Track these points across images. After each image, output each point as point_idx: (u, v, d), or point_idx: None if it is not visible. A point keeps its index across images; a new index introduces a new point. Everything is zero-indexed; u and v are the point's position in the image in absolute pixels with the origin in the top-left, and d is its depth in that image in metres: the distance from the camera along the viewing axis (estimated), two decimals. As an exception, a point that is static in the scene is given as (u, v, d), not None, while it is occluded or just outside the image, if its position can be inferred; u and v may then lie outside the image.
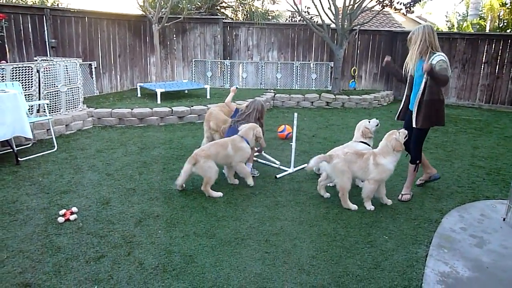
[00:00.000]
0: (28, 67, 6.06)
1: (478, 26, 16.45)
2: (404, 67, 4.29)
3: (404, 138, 4.02)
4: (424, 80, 4.02)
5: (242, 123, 4.66)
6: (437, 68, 3.85)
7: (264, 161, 5.32)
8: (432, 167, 4.71)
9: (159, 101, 8.16)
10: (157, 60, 10.10)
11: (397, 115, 4.60)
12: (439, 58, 3.93)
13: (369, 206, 3.96)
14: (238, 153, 4.35)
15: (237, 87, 5.68)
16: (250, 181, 4.43)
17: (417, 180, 4.70)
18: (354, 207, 3.94)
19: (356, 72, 11.54)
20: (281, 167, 5.09)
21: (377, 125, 4.75)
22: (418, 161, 4.34)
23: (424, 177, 4.71)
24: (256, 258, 3.06)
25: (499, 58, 10.29)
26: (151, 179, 4.65)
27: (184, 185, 4.32)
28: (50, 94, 6.44)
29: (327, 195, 4.23)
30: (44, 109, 5.98)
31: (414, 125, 4.15)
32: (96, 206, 3.90)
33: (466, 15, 18.39)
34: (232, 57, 11.29)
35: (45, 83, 6.29)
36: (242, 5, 13.37)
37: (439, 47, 4.07)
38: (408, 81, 4.34)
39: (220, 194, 4.19)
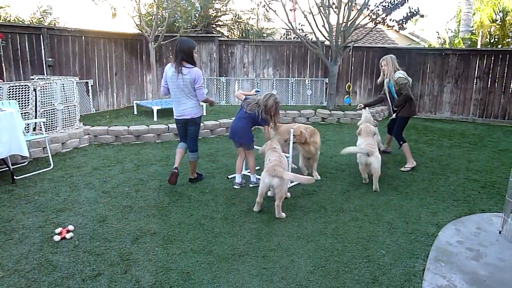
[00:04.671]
0: (25, 85, 6.10)
1: (469, 42, 16.73)
2: (379, 83, 6.43)
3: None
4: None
5: (251, 109, 4.89)
6: (399, 83, 5.87)
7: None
8: (389, 146, 6.79)
9: (155, 119, 8.20)
10: (153, 78, 10.17)
11: (393, 115, 6.33)
12: (398, 75, 5.90)
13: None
14: None
15: (257, 91, 5.75)
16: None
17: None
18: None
19: (351, 88, 11.66)
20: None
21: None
22: (402, 142, 6.01)
23: (383, 148, 6.58)
24: (253, 274, 3.05)
25: (490, 73, 10.46)
26: (148, 196, 4.64)
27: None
28: (47, 112, 6.46)
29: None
30: (41, 127, 5.99)
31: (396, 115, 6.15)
32: (92, 224, 3.88)
33: (457, 31, 18.71)
34: (228, 74, 11.41)
35: (41, 102, 6.33)
36: (237, 23, 13.57)
37: (399, 67, 6.04)
38: (386, 93, 6.29)
39: None
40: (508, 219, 3.74)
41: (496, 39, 17.07)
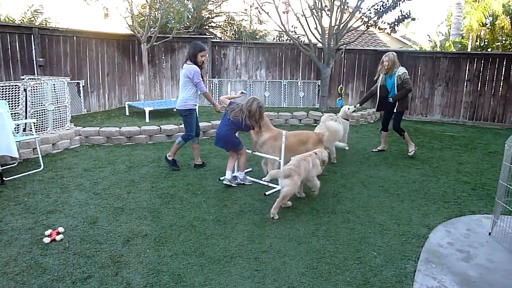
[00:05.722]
0: (15, 85, 6.04)
1: (460, 46, 16.90)
2: (376, 80, 6.86)
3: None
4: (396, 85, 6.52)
5: (235, 116, 4.91)
6: (403, 77, 6.37)
7: (253, 179, 5.32)
8: (385, 144, 7.12)
9: (147, 120, 8.16)
10: (145, 79, 10.13)
11: (376, 108, 7.15)
12: (402, 71, 6.43)
13: None
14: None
15: (243, 92, 6.03)
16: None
17: (375, 148, 7.16)
18: None
19: (343, 90, 11.72)
20: (270, 184, 5.11)
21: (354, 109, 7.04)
22: (403, 132, 6.68)
23: (380, 148, 7.07)
24: (245, 276, 3.04)
25: (480, 76, 10.58)
26: (139, 198, 4.61)
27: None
28: (37, 113, 6.40)
29: None
30: (31, 128, 5.93)
31: (395, 110, 6.63)
32: (83, 225, 3.85)
33: (448, 34, 18.90)
34: (220, 75, 11.39)
35: (32, 102, 6.26)
36: (230, 25, 13.56)
37: (399, 63, 6.60)
38: (380, 88, 6.75)
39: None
40: (498, 221, 3.78)
41: (486, 43, 17.28)
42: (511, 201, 3.75)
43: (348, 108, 6.94)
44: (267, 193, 4.79)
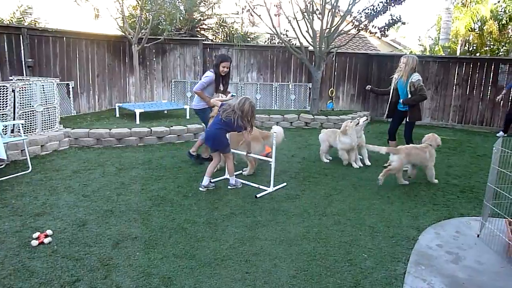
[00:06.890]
0: (3, 86, 5.96)
1: (449, 50, 17.11)
2: (393, 81, 6.20)
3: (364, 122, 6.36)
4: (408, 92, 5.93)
5: (227, 116, 4.88)
6: (416, 85, 5.76)
7: (244, 181, 5.32)
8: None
9: (138, 121, 8.11)
10: (136, 81, 10.07)
11: (385, 115, 6.47)
12: (416, 78, 5.80)
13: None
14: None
15: (233, 95, 6.11)
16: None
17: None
18: None
19: (334, 93, 11.78)
20: (261, 186, 5.10)
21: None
22: (412, 143, 6.09)
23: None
24: (236, 278, 3.03)
25: (469, 80, 10.72)
26: (129, 200, 4.57)
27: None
28: (26, 114, 6.32)
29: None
30: (19, 129, 5.85)
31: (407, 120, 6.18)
32: (71, 228, 3.80)
33: (437, 39, 19.12)
34: (211, 77, 11.35)
35: (20, 103, 6.18)
36: (222, 27, 13.56)
37: (416, 69, 5.90)
38: (393, 91, 6.19)
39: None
40: (486, 223, 3.83)
41: (474, 48, 17.52)
42: (499, 203, 3.80)
43: (357, 123, 6.22)
44: (258, 195, 4.79)
